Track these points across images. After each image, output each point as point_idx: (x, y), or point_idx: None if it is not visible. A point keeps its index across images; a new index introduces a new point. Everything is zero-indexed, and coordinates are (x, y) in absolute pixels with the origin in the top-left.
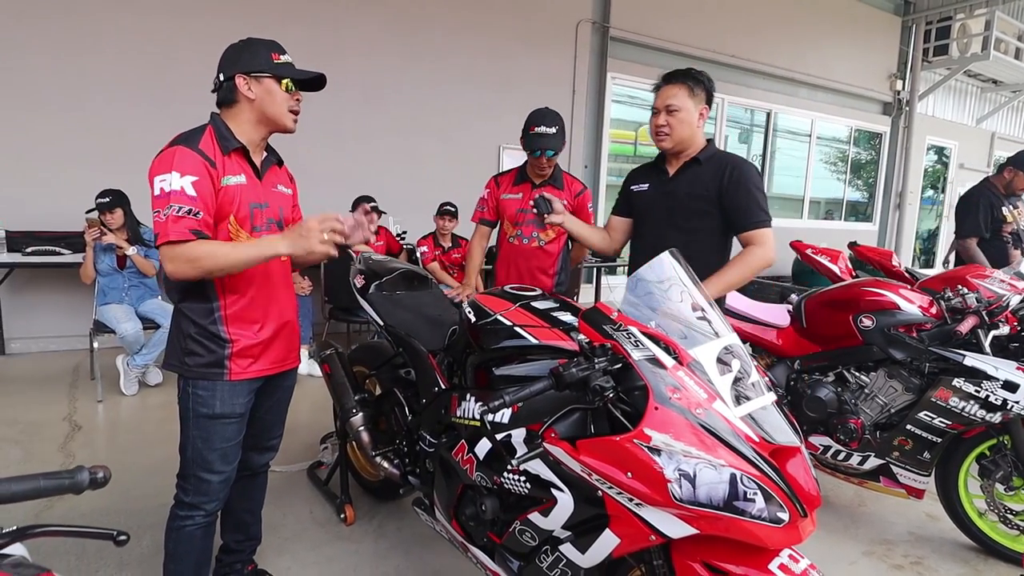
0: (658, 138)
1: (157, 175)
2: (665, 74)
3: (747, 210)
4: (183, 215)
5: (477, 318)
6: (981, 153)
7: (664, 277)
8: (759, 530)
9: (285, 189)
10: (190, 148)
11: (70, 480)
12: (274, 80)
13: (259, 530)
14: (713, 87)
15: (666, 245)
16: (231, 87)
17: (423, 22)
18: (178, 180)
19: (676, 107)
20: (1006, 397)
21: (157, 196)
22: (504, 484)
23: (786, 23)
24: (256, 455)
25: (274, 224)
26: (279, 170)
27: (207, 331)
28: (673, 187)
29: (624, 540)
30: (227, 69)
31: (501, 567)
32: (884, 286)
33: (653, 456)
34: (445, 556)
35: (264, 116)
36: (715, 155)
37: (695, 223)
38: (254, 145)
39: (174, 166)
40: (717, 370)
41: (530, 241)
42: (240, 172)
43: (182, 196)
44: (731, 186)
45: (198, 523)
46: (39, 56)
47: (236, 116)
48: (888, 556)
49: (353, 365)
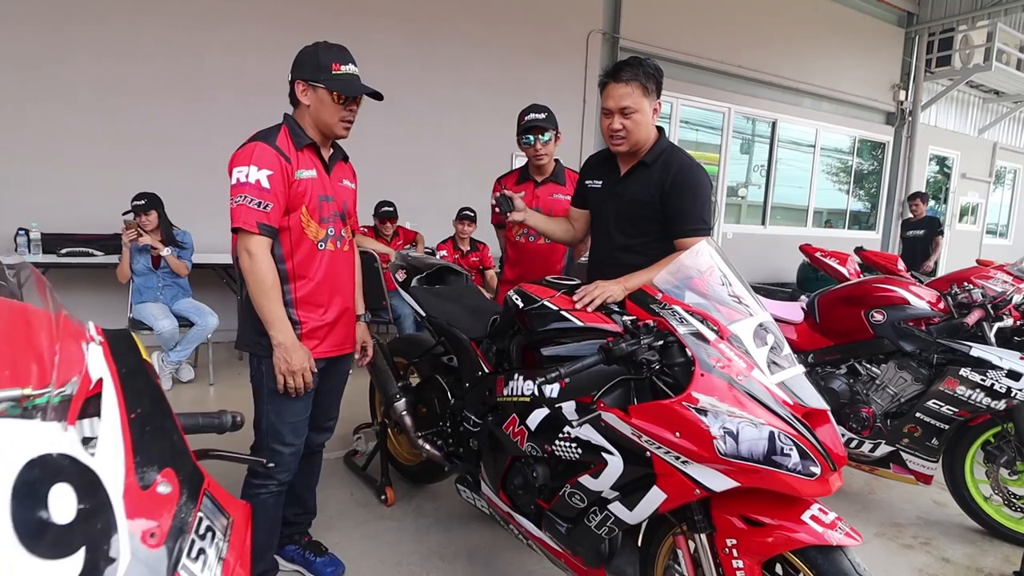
0: (613, 142)
1: (236, 167)
2: (613, 68)
3: (684, 216)
4: (253, 207)
5: (525, 304)
6: (983, 163)
7: (704, 263)
8: (794, 482)
9: (349, 184)
10: (268, 144)
11: (219, 420)
12: (327, 91)
13: (315, 504)
14: (662, 76)
15: (612, 252)
16: (294, 91)
17: (441, 35)
18: (255, 173)
19: (632, 108)
20: (1010, 385)
21: (234, 185)
22: (555, 452)
23: (792, 34)
24: (314, 434)
25: (338, 217)
26: (344, 165)
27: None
28: (621, 189)
29: (671, 496)
30: (293, 72)
31: (548, 531)
32: (894, 283)
33: (700, 417)
34: (483, 533)
35: (318, 121)
36: (663, 154)
37: (641, 228)
38: (321, 143)
39: (252, 160)
40: (754, 343)
41: (537, 238)
42: (312, 167)
43: (257, 189)
44: (673, 189)
45: (271, 491)
46: (76, 61)
47: (301, 117)
48: (898, 537)
49: (392, 356)
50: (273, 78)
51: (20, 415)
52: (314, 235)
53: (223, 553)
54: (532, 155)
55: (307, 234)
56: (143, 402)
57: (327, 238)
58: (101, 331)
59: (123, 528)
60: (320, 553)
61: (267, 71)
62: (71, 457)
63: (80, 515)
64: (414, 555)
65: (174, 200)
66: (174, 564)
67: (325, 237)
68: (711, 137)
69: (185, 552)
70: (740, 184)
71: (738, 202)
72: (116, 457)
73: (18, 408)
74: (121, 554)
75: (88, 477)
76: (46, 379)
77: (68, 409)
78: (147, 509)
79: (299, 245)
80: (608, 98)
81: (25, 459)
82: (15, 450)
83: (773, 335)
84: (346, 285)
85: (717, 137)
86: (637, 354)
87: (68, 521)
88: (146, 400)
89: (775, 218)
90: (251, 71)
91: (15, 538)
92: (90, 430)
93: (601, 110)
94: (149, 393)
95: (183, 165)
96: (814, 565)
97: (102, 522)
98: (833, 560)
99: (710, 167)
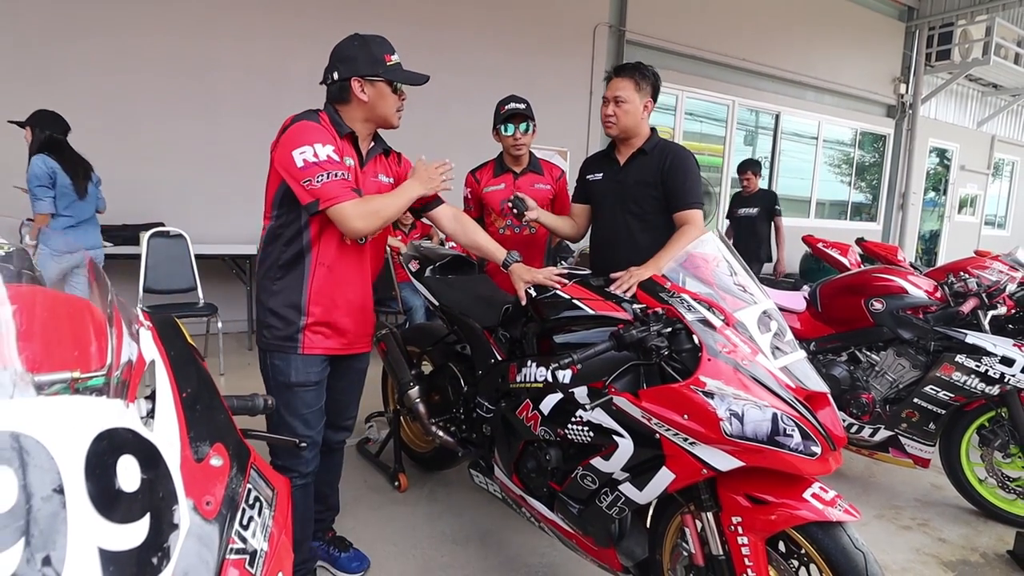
0: (606, 125)
1: (294, 148)
2: (615, 67)
3: (681, 192)
4: (340, 179)
5: (538, 293)
6: (982, 155)
7: (711, 254)
8: (796, 461)
9: (386, 179)
10: (315, 122)
11: (251, 403)
12: (387, 84)
13: (337, 501)
14: (659, 82)
15: (622, 229)
16: (345, 87)
17: (449, 27)
18: (321, 150)
19: (623, 99)
20: (1004, 371)
21: (303, 168)
22: (568, 435)
23: (795, 28)
24: (332, 432)
25: None
26: (384, 160)
27: (288, 303)
28: (624, 176)
29: (679, 475)
30: (344, 70)
31: (560, 513)
32: (893, 272)
33: (707, 399)
34: (494, 518)
35: (374, 115)
36: (659, 144)
37: (646, 207)
38: (362, 136)
39: (313, 139)
40: (758, 330)
41: (521, 230)
42: (348, 156)
43: (331, 163)
44: (670, 171)
45: (296, 484)
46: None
47: (347, 113)
48: (897, 519)
49: (406, 345)
50: (277, 68)
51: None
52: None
53: (269, 522)
54: (511, 144)
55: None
56: (192, 383)
57: None
58: (149, 316)
59: (182, 497)
60: (345, 548)
61: (272, 61)
62: (133, 431)
63: (144, 484)
64: (428, 539)
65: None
66: (228, 531)
67: None
68: (716, 129)
69: (237, 520)
70: None
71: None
72: (172, 432)
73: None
74: (181, 520)
75: (149, 450)
76: (101, 361)
77: (128, 388)
78: (202, 480)
79: (326, 233)
80: (608, 88)
81: (95, 432)
82: (86, 424)
83: (776, 322)
84: (363, 282)
85: (722, 129)
86: (647, 340)
87: (134, 489)
88: (195, 381)
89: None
90: (255, 62)
91: (90, 503)
92: (147, 408)
93: (602, 98)
94: (197, 374)
95: (186, 157)
96: (815, 540)
97: (164, 491)
98: (833, 535)
99: (714, 159)
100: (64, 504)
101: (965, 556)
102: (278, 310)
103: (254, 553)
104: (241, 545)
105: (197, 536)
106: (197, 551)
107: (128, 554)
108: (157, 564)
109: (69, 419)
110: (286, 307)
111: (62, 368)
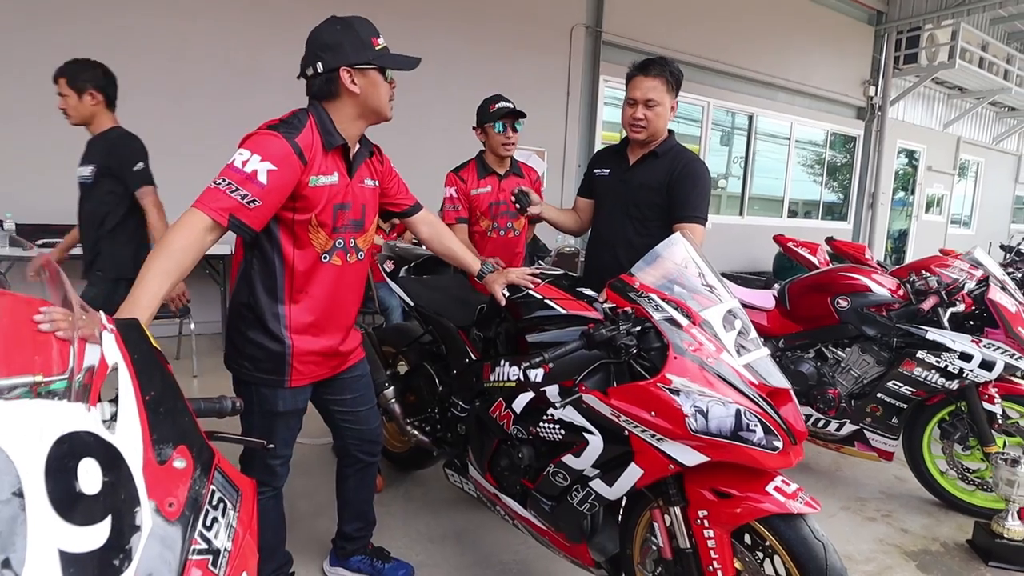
0: (633, 130)
1: (243, 148)
2: (642, 63)
3: (686, 204)
4: (234, 196)
5: (511, 293)
6: (948, 156)
7: (679, 254)
8: (759, 455)
9: (371, 182)
10: (288, 141)
11: (219, 405)
12: (378, 71)
13: (374, 515)
14: (682, 78)
15: (619, 231)
16: (333, 80)
17: (427, 27)
18: (256, 163)
19: (656, 101)
20: (962, 366)
21: (228, 166)
22: (540, 433)
23: (768, 30)
24: (362, 452)
25: (353, 225)
26: (369, 162)
27: (269, 333)
28: (631, 176)
29: (647, 471)
30: (329, 59)
31: (533, 510)
32: (858, 271)
33: (673, 396)
34: (469, 516)
35: (367, 109)
36: (672, 149)
37: (647, 212)
38: (353, 140)
39: (261, 148)
40: (723, 328)
41: (507, 232)
42: (334, 171)
43: (251, 181)
44: (679, 179)
45: (267, 496)
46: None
47: (338, 111)
48: (862, 511)
49: (381, 345)
50: (256, 68)
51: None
52: (321, 246)
53: (233, 523)
54: (501, 143)
55: (313, 245)
56: (156, 385)
57: (334, 250)
58: (112, 320)
59: (144, 499)
60: (387, 559)
61: (250, 61)
62: (95, 435)
63: (105, 487)
64: (404, 538)
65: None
66: (191, 532)
67: (332, 249)
68: (691, 129)
69: (200, 521)
70: (720, 176)
71: (718, 193)
72: (135, 435)
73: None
74: (143, 522)
75: (111, 453)
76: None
77: (90, 392)
78: (165, 482)
79: (302, 256)
80: (635, 89)
81: (55, 436)
82: (47, 428)
83: (741, 320)
84: (351, 303)
85: (697, 129)
86: (616, 339)
87: (95, 492)
88: (158, 384)
89: (752, 208)
90: (234, 61)
91: (50, 506)
92: (110, 411)
93: (625, 100)
94: (161, 377)
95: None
96: (777, 532)
97: (125, 493)
98: (795, 527)
99: None
100: (23, 507)
101: (926, 546)
102: (259, 340)
103: (217, 553)
104: (204, 546)
105: (159, 537)
106: (159, 552)
107: (89, 556)
108: (119, 565)
109: (29, 423)
110: (268, 338)
111: (23, 372)
